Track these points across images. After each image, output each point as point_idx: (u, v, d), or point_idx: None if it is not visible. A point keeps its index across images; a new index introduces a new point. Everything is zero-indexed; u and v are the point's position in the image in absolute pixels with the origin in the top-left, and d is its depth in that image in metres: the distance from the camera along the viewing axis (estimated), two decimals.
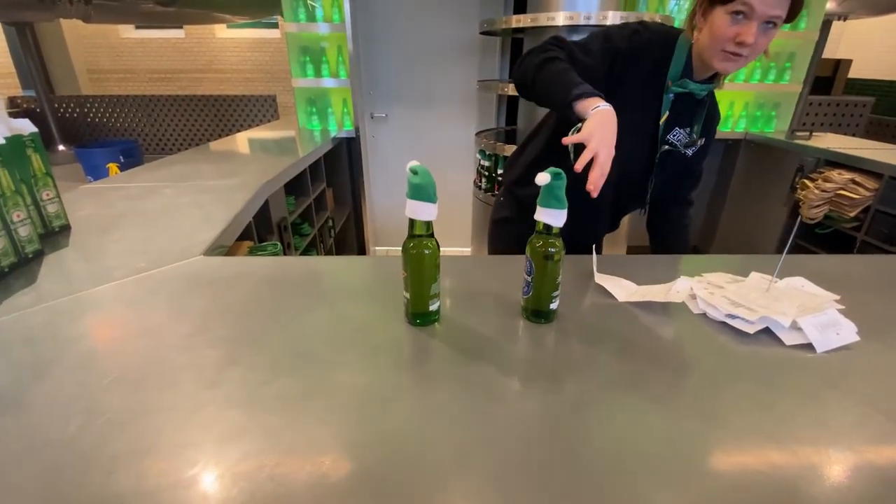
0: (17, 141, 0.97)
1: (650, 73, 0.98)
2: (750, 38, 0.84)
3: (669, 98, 1.00)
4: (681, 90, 0.98)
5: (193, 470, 0.46)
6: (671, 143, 1.06)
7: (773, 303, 0.75)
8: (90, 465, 0.47)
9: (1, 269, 0.87)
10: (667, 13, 2.78)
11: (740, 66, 0.92)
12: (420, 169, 0.65)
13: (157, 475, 0.46)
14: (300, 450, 0.49)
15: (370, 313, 0.76)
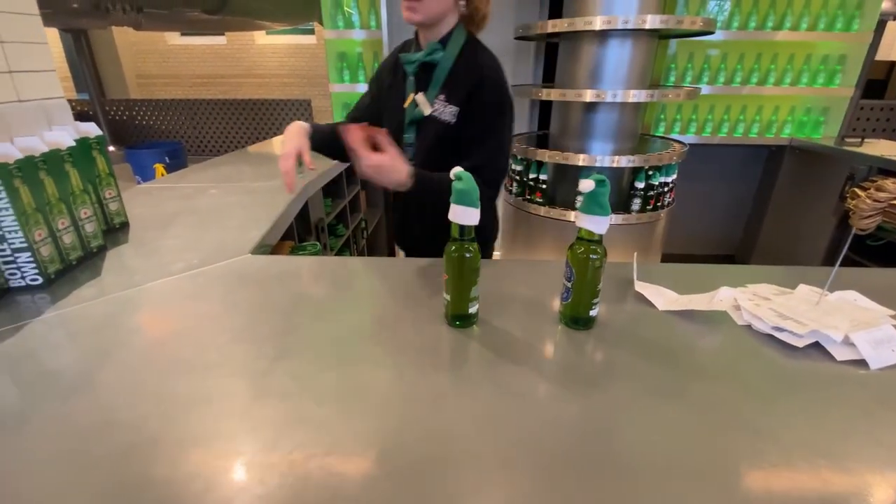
0: (84, 143, 1.05)
1: (402, 72, 1.09)
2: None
3: (411, 81, 1.07)
4: (411, 66, 1.06)
5: (250, 456, 0.49)
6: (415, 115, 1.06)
7: (823, 316, 0.72)
8: (158, 447, 0.50)
9: (70, 262, 0.93)
10: (707, 14, 2.72)
11: (421, 13, 0.97)
12: (464, 175, 0.67)
13: (217, 458, 0.49)
14: (348, 442, 0.51)
15: (409, 313, 0.78)
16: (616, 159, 2.05)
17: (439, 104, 1.04)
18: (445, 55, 1.02)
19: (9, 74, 1.15)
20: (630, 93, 1.96)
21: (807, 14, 2.68)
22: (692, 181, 3.09)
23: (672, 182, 2.24)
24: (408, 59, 1.06)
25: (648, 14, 1.90)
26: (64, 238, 0.92)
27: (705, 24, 1.92)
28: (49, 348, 0.69)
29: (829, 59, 2.78)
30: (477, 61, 1.03)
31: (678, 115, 2.93)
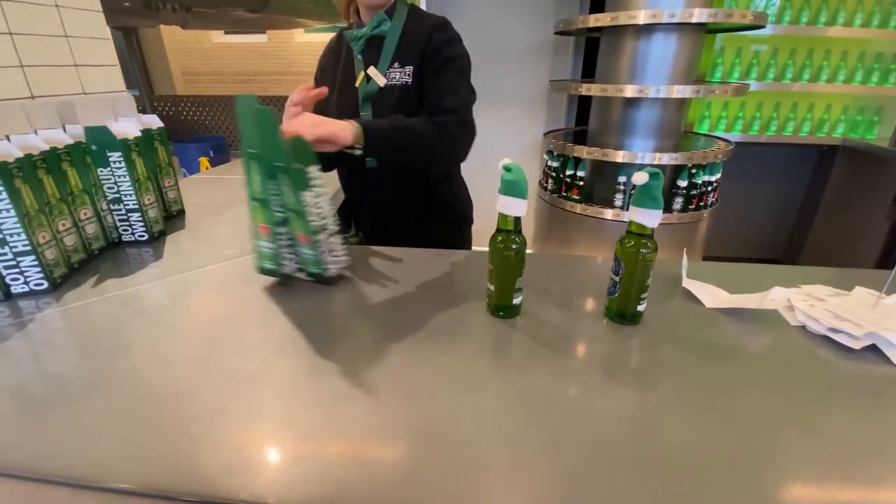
0: (148, 134, 1.11)
1: (345, 53, 1.09)
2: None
3: (359, 59, 1.06)
4: (358, 42, 1.05)
5: (307, 427, 0.52)
6: (369, 90, 1.04)
7: (881, 319, 0.70)
8: (222, 416, 0.54)
9: (138, 242, 1.00)
10: (755, 8, 2.61)
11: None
12: (514, 166, 0.68)
13: (277, 428, 0.52)
14: (395, 422, 0.53)
15: (451, 303, 0.79)
16: (658, 156, 2.01)
17: (395, 72, 1.03)
18: (392, 25, 1.03)
19: (75, 68, 1.23)
20: (674, 88, 1.91)
21: (860, 10, 2.54)
22: (737, 181, 2.98)
23: (716, 181, 2.17)
24: (353, 36, 1.05)
25: (696, 7, 1.85)
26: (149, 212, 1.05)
27: (756, 17, 1.85)
28: (116, 323, 0.74)
29: (883, 56, 2.63)
30: (423, 22, 1.05)
31: (724, 112, 2.83)
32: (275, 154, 0.74)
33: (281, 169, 0.74)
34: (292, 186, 0.75)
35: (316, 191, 0.77)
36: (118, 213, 1.01)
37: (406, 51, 1.03)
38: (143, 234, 1.04)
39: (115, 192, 0.99)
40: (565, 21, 2.13)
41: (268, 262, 0.83)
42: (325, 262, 0.81)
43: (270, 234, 0.80)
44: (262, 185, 0.77)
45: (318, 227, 0.78)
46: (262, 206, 0.79)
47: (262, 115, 0.72)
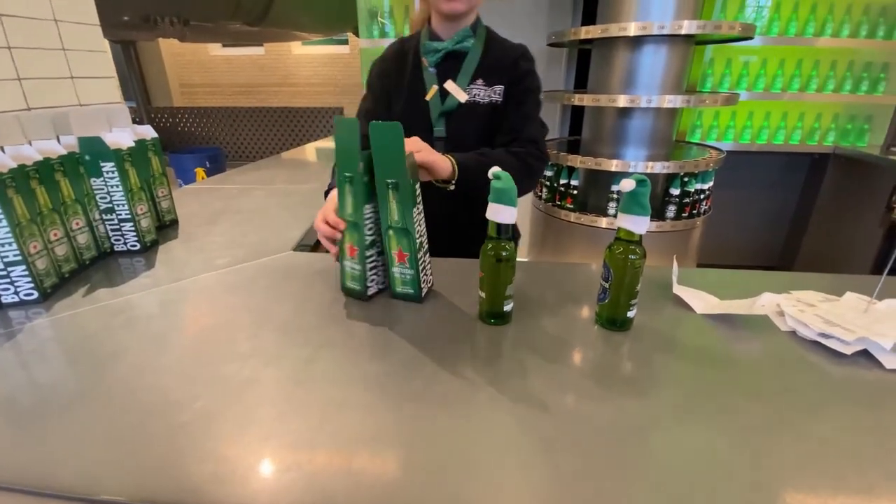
0: (142, 144, 1.12)
1: (412, 65, 1.06)
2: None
3: (431, 72, 1.04)
4: (436, 55, 1.03)
5: (296, 436, 0.51)
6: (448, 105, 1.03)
7: (872, 324, 0.70)
8: (210, 424, 0.53)
9: (130, 252, 1.00)
10: (745, 19, 2.66)
11: (465, 3, 0.97)
12: (503, 175, 0.69)
13: (265, 437, 0.51)
14: (385, 429, 0.53)
15: (444, 310, 0.80)
16: (650, 165, 2.03)
17: (477, 89, 1.02)
18: (476, 42, 1.02)
19: (71, 80, 1.24)
20: (665, 98, 1.94)
21: (847, 21, 2.59)
22: (730, 189, 3.01)
23: (708, 189, 2.19)
24: (432, 49, 1.03)
25: (685, 19, 1.88)
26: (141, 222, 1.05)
27: (744, 29, 1.88)
28: (107, 333, 0.74)
29: (872, 66, 2.68)
30: (506, 44, 1.06)
31: (715, 121, 2.87)
32: (393, 170, 0.72)
33: (394, 185, 0.73)
34: (402, 203, 0.74)
35: (420, 208, 0.77)
36: (110, 223, 1.01)
37: (491, 70, 1.03)
38: (136, 244, 1.03)
39: (108, 201, 0.99)
40: (557, 33, 2.16)
41: (353, 283, 0.82)
42: (422, 280, 0.80)
43: (359, 256, 0.79)
44: (354, 208, 0.76)
45: (420, 244, 0.78)
46: (354, 230, 0.78)
47: (392, 129, 0.69)
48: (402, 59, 1.08)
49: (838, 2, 2.58)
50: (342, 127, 0.73)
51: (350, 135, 0.73)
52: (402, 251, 0.77)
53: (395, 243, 0.77)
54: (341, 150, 0.74)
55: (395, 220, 0.75)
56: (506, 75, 1.03)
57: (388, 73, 1.10)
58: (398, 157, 0.70)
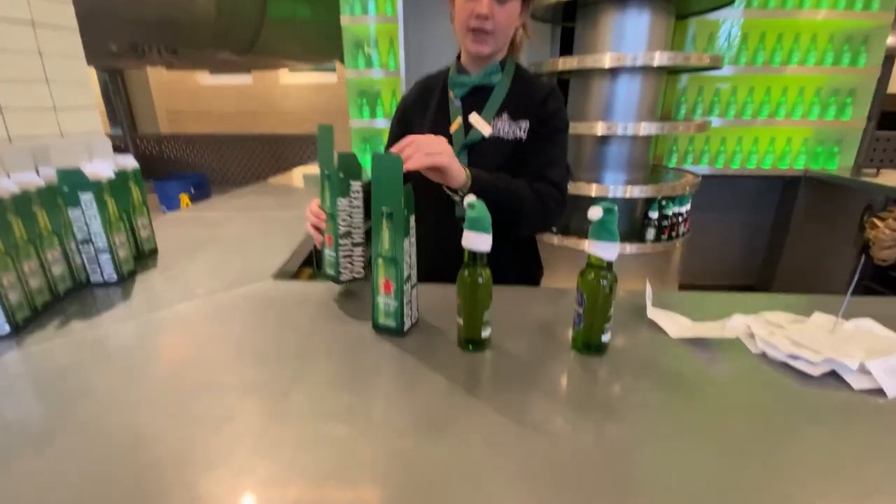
0: (122, 175, 1.12)
1: (438, 98, 1.09)
2: (483, 9, 0.92)
3: (457, 105, 1.06)
4: (462, 89, 1.05)
5: (268, 474, 0.51)
6: (472, 137, 1.03)
7: (839, 345, 0.72)
8: (179, 464, 0.52)
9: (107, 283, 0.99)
10: (715, 51, 2.79)
11: (493, 45, 0.98)
12: (477, 204, 0.71)
13: (236, 475, 0.50)
14: (360, 463, 0.52)
15: (423, 337, 0.80)
16: (629, 189, 2.08)
17: (503, 123, 1.02)
18: (504, 78, 1.03)
19: (53, 111, 1.25)
20: (641, 125, 2.01)
21: (813, 49, 2.73)
22: (708, 211, 3.09)
23: (686, 212, 2.25)
24: (459, 82, 1.04)
25: (657, 51, 1.97)
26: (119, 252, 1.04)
27: (712, 60, 1.98)
28: (80, 367, 0.72)
29: (839, 91, 2.81)
30: (536, 79, 1.07)
31: (690, 146, 2.96)
32: (390, 199, 0.73)
33: (389, 214, 0.74)
34: (395, 232, 0.74)
35: (413, 241, 0.78)
36: (87, 254, 1.00)
37: (518, 106, 1.03)
38: (112, 275, 1.02)
39: (86, 232, 0.99)
40: (536, 64, 2.24)
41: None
42: (405, 314, 0.80)
43: (333, 244, 0.88)
44: (331, 202, 0.86)
45: (408, 276, 0.78)
46: (330, 220, 0.88)
47: (392, 161, 0.72)
48: (426, 94, 1.11)
49: (804, 31, 2.72)
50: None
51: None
52: (389, 281, 0.78)
53: (382, 272, 0.78)
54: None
55: (385, 249, 0.76)
56: (533, 112, 1.02)
57: (408, 117, 1.14)
58: (396, 188, 0.72)
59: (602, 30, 2.07)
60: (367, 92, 3.03)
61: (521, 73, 1.07)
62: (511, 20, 0.97)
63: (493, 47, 0.99)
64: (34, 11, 1.17)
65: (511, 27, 0.99)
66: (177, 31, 4.44)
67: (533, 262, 1.22)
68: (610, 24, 2.05)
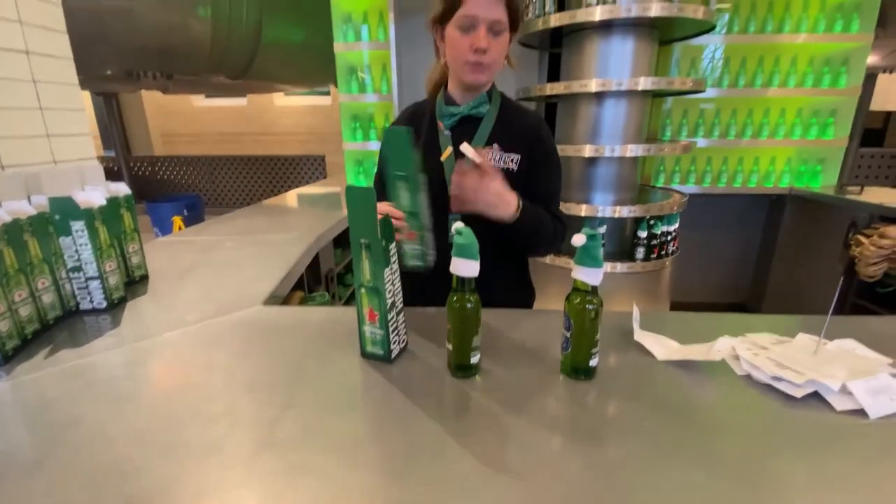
0: (114, 202, 1.13)
1: (427, 127, 1.09)
2: (483, 42, 0.94)
3: (447, 135, 1.07)
4: (452, 119, 1.06)
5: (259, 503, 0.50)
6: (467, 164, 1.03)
7: (821, 366, 0.73)
8: (167, 495, 0.52)
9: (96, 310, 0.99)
10: (698, 76, 2.87)
11: (489, 75, 1.01)
12: (465, 231, 0.72)
13: None
14: (350, 492, 0.52)
15: (414, 363, 0.80)
16: (617, 209, 2.11)
17: (493, 153, 1.05)
18: (491, 108, 1.06)
19: (46, 138, 1.26)
20: (628, 147, 2.05)
21: (794, 71, 2.82)
22: (697, 230, 3.13)
23: (675, 231, 2.28)
24: (448, 112, 1.06)
25: (641, 76, 2.03)
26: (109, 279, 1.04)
27: (695, 84, 2.04)
28: (67, 397, 0.72)
29: (820, 112, 2.89)
30: (525, 110, 1.11)
31: (677, 166, 3.02)
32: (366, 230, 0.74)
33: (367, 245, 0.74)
34: (374, 262, 0.74)
35: (394, 269, 0.79)
36: (77, 281, 1.00)
37: (508, 137, 1.05)
38: (102, 302, 1.02)
39: (76, 260, 0.99)
40: (524, 89, 2.30)
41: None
42: (392, 341, 0.80)
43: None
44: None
45: (391, 304, 0.78)
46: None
47: (366, 193, 0.71)
48: (416, 122, 1.11)
49: (784, 54, 2.81)
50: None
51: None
52: (373, 311, 0.78)
53: (366, 301, 0.79)
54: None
55: (367, 280, 0.77)
56: (525, 145, 1.05)
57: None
58: (371, 219, 0.73)
59: (588, 56, 2.13)
60: (359, 115, 3.08)
61: (507, 102, 1.10)
62: (504, 51, 1.00)
63: (490, 77, 1.02)
64: (29, 41, 1.19)
65: (503, 58, 1.02)
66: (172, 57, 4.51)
67: (525, 286, 1.24)
68: (595, 50, 2.11)
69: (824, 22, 2.73)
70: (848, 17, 2.71)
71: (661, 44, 2.41)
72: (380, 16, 2.83)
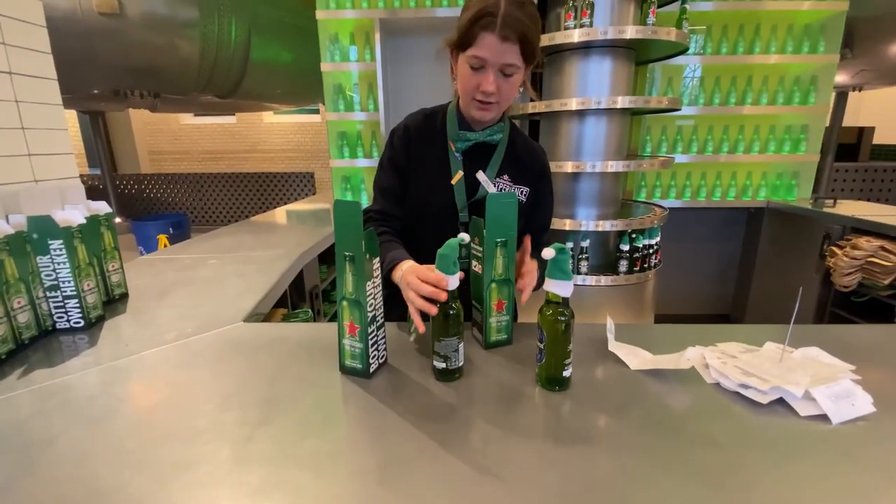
0: (94, 220, 1.13)
1: (437, 143, 1.05)
2: (490, 87, 0.90)
3: (457, 157, 1.04)
4: (465, 144, 1.02)
5: None
6: (478, 194, 1.04)
7: (786, 373, 0.76)
8: None
9: (73, 329, 0.98)
10: (677, 93, 2.96)
11: (496, 112, 0.97)
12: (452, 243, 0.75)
13: None
14: None
15: (390, 378, 0.81)
16: (599, 224, 2.16)
17: (504, 184, 1.05)
18: (503, 137, 1.04)
19: (28, 157, 1.26)
20: (608, 164, 2.10)
21: (765, 90, 2.93)
22: (679, 243, 3.19)
23: (656, 244, 2.33)
24: (463, 137, 1.02)
25: (619, 95, 2.09)
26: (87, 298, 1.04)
27: (671, 102, 2.11)
28: (41, 417, 0.71)
29: (792, 128, 3.00)
30: (532, 144, 1.11)
31: (658, 181, 3.10)
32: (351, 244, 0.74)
33: (351, 258, 0.75)
34: (357, 275, 0.75)
35: (377, 283, 0.80)
36: (54, 300, 1.00)
37: (519, 170, 1.06)
38: (79, 321, 1.02)
39: (54, 279, 0.99)
40: None
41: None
42: (371, 356, 0.80)
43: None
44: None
45: (372, 317, 0.79)
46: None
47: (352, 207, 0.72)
48: (427, 134, 1.06)
49: (756, 74, 2.92)
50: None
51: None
52: (354, 323, 0.79)
53: (347, 314, 0.79)
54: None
55: (349, 292, 0.78)
56: (534, 180, 1.07)
57: (410, 153, 1.06)
58: (357, 233, 0.74)
59: (568, 75, 2.20)
60: (347, 133, 3.12)
61: (515, 132, 1.09)
62: (515, 89, 0.95)
63: (497, 114, 0.99)
64: (12, 62, 1.20)
65: (515, 95, 0.98)
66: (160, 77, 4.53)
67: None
68: (575, 70, 2.18)
69: (792, 43, 2.86)
70: (814, 38, 2.84)
71: (639, 64, 2.49)
72: (366, 37, 2.89)
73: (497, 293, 0.88)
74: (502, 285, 0.88)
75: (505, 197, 0.84)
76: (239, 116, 9.42)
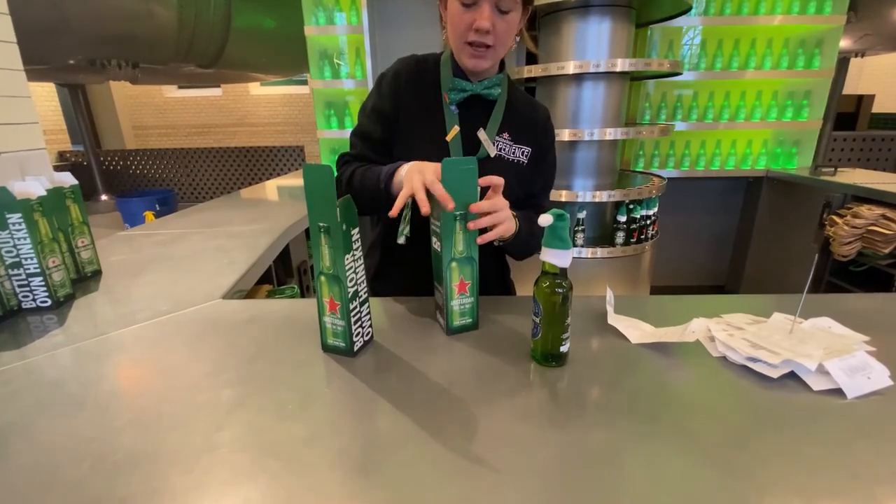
0: (57, 192, 1.05)
1: (429, 94, 0.95)
2: (485, 23, 0.81)
3: (453, 111, 0.94)
4: (460, 95, 0.93)
5: None
6: (478, 155, 0.95)
7: (797, 345, 0.71)
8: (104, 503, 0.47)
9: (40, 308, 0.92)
10: (677, 58, 2.85)
11: (492, 59, 0.88)
12: None
13: None
14: (302, 494, 0.48)
15: (376, 356, 0.76)
16: (597, 194, 2.09)
17: (503, 143, 0.96)
18: (502, 92, 0.95)
19: None
20: (606, 131, 2.02)
21: (769, 53, 2.82)
22: (676, 213, 3.14)
23: (654, 215, 2.27)
24: (459, 87, 0.92)
25: (618, 58, 1.99)
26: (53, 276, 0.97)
27: (672, 66, 2.01)
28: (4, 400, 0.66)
29: (795, 94, 2.91)
30: (534, 100, 1.02)
31: (656, 150, 3.02)
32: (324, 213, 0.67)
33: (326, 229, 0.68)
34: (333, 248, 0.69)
35: (358, 255, 0.73)
36: (17, 278, 0.93)
37: (518, 127, 0.97)
38: (46, 300, 0.95)
39: (14, 255, 0.92)
40: None
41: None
42: (354, 333, 0.74)
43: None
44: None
45: (354, 293, 0.73)
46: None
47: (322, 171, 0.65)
48: (419, 83, 0.96)
49: (760, 36, 2.81)
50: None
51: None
52: (334, 300, 0.73)
53: (326, 290, 0.73)
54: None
55: (326, 266, 0.71)
56: (535, 139, 0.98)
57: (399, 103, 0.95)
58: (330, 201, 0.67)
59: (565, 37, 2.09)
60: (334, 103, 3.00)
61: (514, 88, 1.00)
62: (512, 31, 0.86)
63: (492, 62, 0.89)
64: None
65: (511, 39, 0.89)
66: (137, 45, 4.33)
67: (502, 281, 1.19)
68: (573, 31, 2.07)
69: (798, 4, 2.73)
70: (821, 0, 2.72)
71: (639, 26, 2.38)
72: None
73: (458, 273, 0.78)
74: (464, 264, 0.78)
75: (463, 163, 0.72)
76: (225, 88, 9.13)
